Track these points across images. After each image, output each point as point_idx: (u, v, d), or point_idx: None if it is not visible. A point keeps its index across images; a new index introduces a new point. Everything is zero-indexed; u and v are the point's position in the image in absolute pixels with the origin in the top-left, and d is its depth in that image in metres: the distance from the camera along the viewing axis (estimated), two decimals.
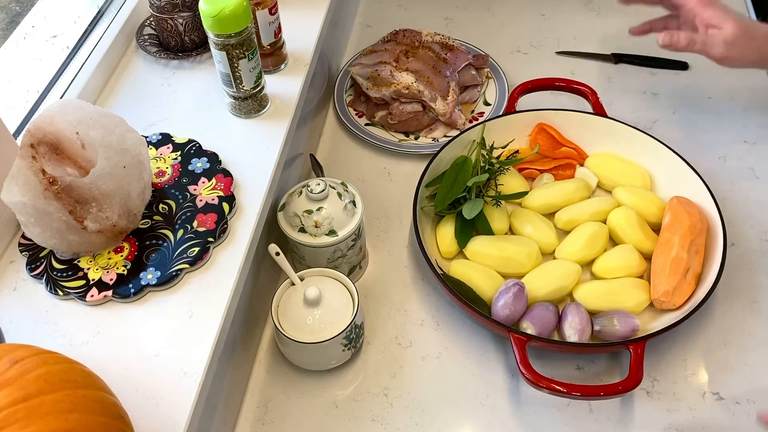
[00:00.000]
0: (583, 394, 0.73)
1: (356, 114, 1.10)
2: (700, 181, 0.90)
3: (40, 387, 0.48)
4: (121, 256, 0.71)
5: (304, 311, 0.77)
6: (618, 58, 1.17)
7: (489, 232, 0.90)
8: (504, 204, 0.93)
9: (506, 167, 0.95)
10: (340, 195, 0.82)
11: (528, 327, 0.80)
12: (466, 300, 0.80)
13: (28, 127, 0.67)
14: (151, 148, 0.81)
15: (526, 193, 0.94)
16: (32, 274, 0.71)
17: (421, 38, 1.12)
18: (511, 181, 0.95)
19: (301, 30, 0.96)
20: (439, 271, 0.85)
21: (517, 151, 0.98)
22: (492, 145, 0.96)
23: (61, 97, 0.82)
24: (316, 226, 0.80)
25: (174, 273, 0.70)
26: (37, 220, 0.66)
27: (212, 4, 0.74)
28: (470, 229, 0.90)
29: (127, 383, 0.62)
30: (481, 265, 0.87)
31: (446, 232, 0.91)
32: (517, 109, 1.01)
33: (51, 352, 0.52)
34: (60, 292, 0.69)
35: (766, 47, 0.87)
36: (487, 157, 0.95)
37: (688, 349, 0.83)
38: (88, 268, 0.70)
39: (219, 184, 0.78)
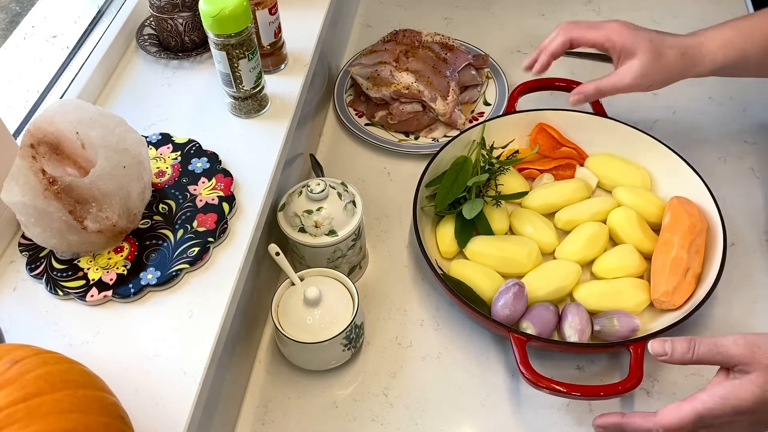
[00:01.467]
0: (583, 394, 0.73)
1: (356, 114, 1.10)
2: (700, 181, 0.90)
3: (40, 387, 0.48)
4: (121, 256, 0.71)
5: (304, 311, 0.77)
6: None
7: (489, 232, 0.90)
8: (504, 204, 0.93)
9: (506, 167, 0.95)
10: (340, 195, 0.82)
11: (528, 327, 0.80)
12: (466, 300, 0.81)
13: (28, 127, 0.67)
14: (151, 148, 0.81)
15: (526, 193, 0.94)
16: (32, 274, 0.71)
17: (421, 38, 1.12)
18: (511, 181, 0.95)
19: (301, 30, 0.96)
20: (439, 271, 0.85)
21: (517, 151, 0.98)
22: (492, 145, 0.96)
23: (61, 97, 0.82)
24: (316, 226, 0.80)
25: (174, 273, 0.70)
26: (37, 220, 0.66)
27: (212, 4, 0.74)
28: (470, 229, 0.90)
29: (127, 383, 0.62)
30: (481, 265, 0.87)
31: (446, 232, 0.91)
32: (517, 109, 1.01)
33: (51, 352, 0.52)
34: (60, 292, 0.69)
35: (675, 67, 0.86)
36: (487, 157, 0.95)
37: None
38: (88, 268, 0.70)
39: (219, 184, 0.78)
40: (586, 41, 0.88)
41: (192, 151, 0.81)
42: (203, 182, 0.78)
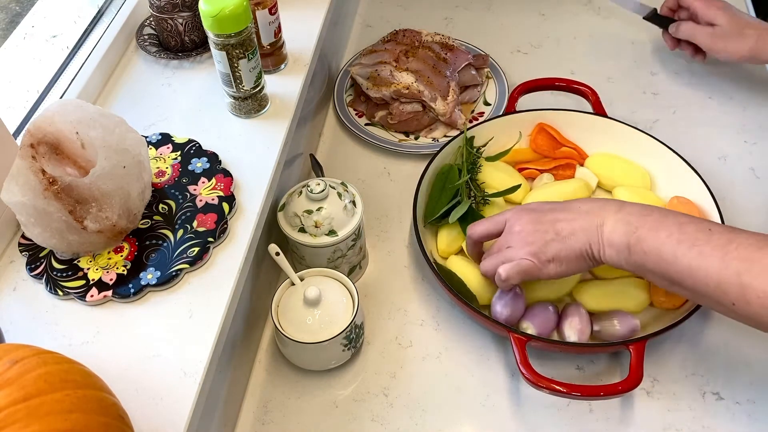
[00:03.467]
0: (583, 394, 0.73)
1: (356, 114, 1.10)
2: (700, 181, 0.90)
3: (40, 387, 0.48)
4: (121, 256, 0.71)
5: (304, 311, 0.77)
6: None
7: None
8: (504, 204, 0.93)
9: (479, 166, 0.95)
10: (340, 195, 0.82)
11: (528, 327, 0.80)
12: (465, 298, 0.80)
13: (28, 127, 0.67)
14: (151, 148, 0.81)
15: (516, 188, 0.92)
16: (32, 274, 0.71)
17: (421, 38, 1.12)
18: (507, 179, 0.95)
19: (301, 30, 0.96)
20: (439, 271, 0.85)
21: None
22: (476, 147, 0.96)
23: (61, 97, 0.82)
24: (316, 226, 0.80)
25: (174, 273, 0.70)
26: (37, 220, 0.66)
27: (212, 4, 0.74)
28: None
29: (127, 383, 0.62)
30: None
31: (446, 233, 0.90)
32: (517, 109, 1.01)
33: (51, 352, 0.52)
34: (60, 292, 0.69)
35: (749, 45, 1.00)
36: (472, 152, 0.95)
37: (688, 349, 0.83)
38: (88, 268, 0.70)
39: (219, 184, 0.78)
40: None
41: (192, 151, 0.81)
42: (203, 182, 0.78)
